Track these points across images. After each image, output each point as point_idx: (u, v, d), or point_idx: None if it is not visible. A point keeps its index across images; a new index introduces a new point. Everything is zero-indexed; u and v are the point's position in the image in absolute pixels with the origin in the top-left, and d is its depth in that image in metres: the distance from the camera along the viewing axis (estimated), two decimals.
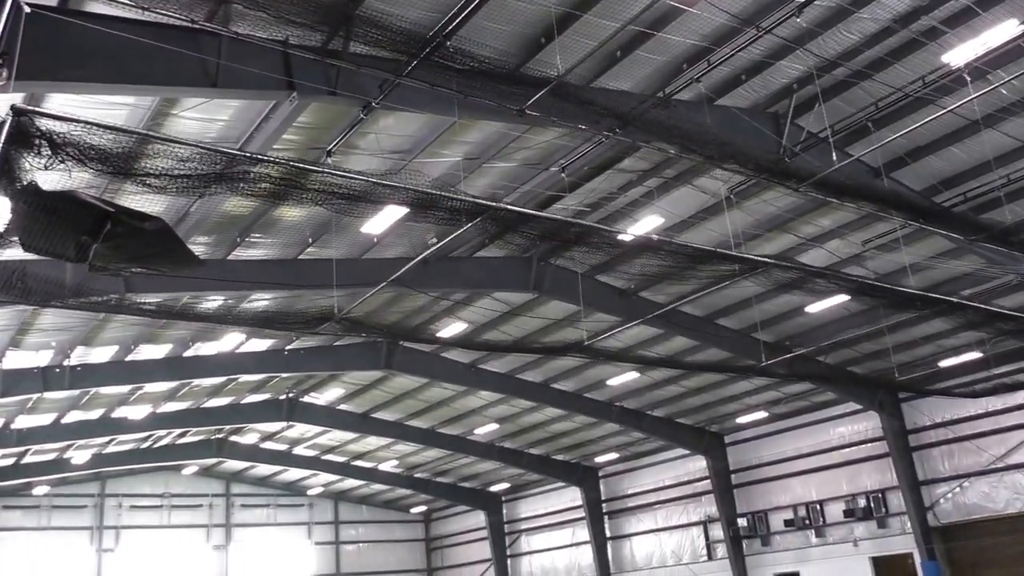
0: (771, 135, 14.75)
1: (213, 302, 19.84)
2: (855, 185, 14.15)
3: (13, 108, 7.18)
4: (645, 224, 17.89)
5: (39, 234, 7.84)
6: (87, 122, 7.81)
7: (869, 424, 27.89)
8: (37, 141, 7.46)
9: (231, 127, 13.15)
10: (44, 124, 7.54)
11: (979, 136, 15.28)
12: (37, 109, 7.67)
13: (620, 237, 13.81)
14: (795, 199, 17.43)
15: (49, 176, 7.90)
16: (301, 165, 9.99)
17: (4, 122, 7.24)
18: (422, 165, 15.16)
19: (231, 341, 22.18)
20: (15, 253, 9.74)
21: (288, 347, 23.67)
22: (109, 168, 8.26)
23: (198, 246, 16.71)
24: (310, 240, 17.30)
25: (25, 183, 7.59)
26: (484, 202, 11.19)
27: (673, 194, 17.48)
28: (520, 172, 16.18)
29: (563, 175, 15.10)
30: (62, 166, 7.81)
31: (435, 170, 15.44)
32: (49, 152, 7.57)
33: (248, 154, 9.71)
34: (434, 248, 18.64)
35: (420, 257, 17.12)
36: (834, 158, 13.72)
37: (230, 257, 17.27)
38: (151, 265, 9.44)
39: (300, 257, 17.88)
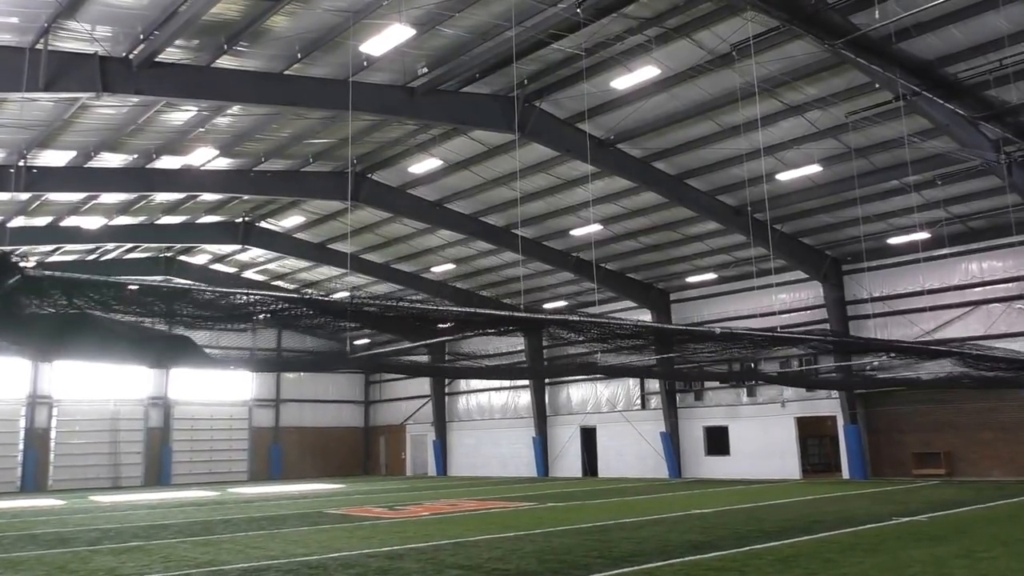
0: None
1: (186, 112, 19.20)
2: (878, 46, 14.18)
3: (25, 274, 6.13)
4: (639, 75, 17.91)
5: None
6: (117, 282, 7.08)
7: (811, 293, 29.17)
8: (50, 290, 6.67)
9: None
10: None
11: (981, 17, 15.36)
12: (57, 275, 6.54)
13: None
14: (790, 62, 17.49)
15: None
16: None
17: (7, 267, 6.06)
18: None
19: (199, 156, 21.55)
20: None
21: (255, 168, 23.16)
22: (144, 313, 7.86)
23: (181, 50, 15.99)
24: (299, 55, 16.63)
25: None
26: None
27: (671, 46, 17.31)
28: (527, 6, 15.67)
29: (578, 10, 14.77)
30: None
31: None
32: (64, 300, 6.87)
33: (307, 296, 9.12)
34: (424, 78, 18.30)
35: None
36: (876, 16, 13.63)
37: (214, 65, 16.54)
38: None
39: (286, 72, 17.24)
